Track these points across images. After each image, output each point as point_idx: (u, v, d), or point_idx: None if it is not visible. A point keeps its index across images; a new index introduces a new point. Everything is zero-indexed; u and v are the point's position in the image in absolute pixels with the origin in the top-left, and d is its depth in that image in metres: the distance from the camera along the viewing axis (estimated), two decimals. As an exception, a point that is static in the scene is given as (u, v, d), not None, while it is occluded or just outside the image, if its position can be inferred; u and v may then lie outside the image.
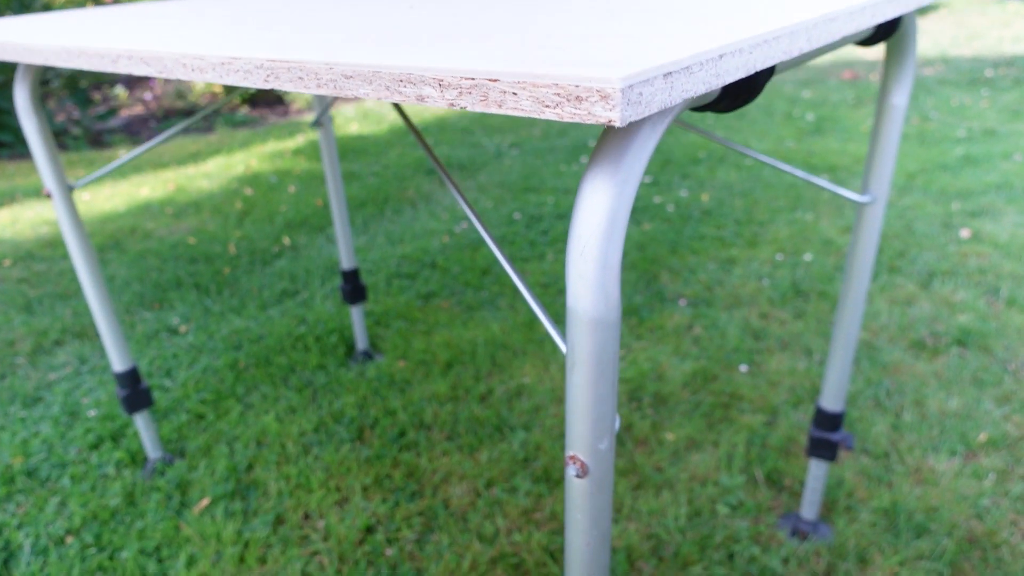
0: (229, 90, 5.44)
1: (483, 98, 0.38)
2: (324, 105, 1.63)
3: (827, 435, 1.22)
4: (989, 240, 2.47)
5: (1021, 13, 7.49)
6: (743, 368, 1.81)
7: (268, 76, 0.50)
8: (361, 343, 1.95)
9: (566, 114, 0.35)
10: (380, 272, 2.44)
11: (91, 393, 1.83)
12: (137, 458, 1.58)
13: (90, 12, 1.25)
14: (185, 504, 1.45)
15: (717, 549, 1.28)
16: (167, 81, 5.98)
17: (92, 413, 1.74)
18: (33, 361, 2.01)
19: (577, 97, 0.34)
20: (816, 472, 1.28)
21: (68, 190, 1.31)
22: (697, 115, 4.26)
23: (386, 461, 1.53)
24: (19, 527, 1.41)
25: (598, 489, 0.54)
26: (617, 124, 0.34)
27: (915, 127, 3.83)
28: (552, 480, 1.46)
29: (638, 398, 1.71)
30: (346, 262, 1.85)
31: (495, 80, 0.37)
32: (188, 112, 5.21)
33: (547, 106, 0.36)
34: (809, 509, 1.32)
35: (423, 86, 0.41)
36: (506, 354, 1.91)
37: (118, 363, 1.45)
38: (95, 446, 1.63)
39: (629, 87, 0.33)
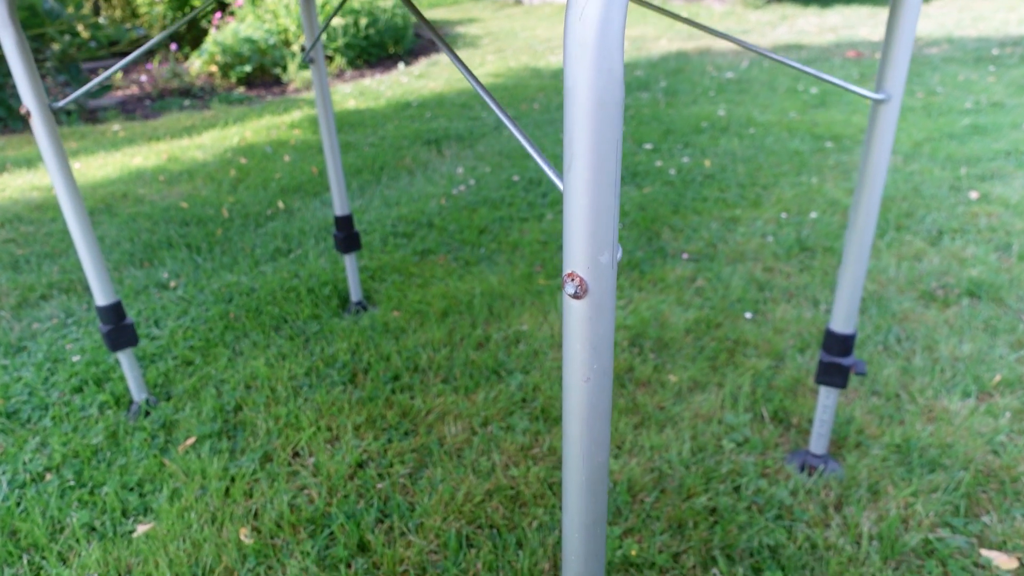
0: (225, 72, 5.39)
1: None
2: (315, 37, 1.58)
3: (838, 360, 1.16)
4: (999, 201, 2.41)
5: (1025, -1, 7.43)
6: (748, 315, 1.76)
7: None
8: (355, 295, 1.90)
9: None
10: (375, 232, 2.39)
11: (76, 342, 1.78)
12: (122, 401, 1.53)
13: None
14: (170, 443, 1.40)
15: (723, 481, 1.23)
16: (162, 63, 5.93)
17: (76, 359, 1.69)
18: (17, 314, 1.96)
19: None
20: (826, 402, 1.23)
21: (49, 109, 1.25)
22: (699, 90, 4.21)
23: (379, 402, 1.48)
24: (-4, 465, 1.35)
25: (598, 312, 0.49)
26: None
27: (920, 100, 3.78)
28: (551, 418, 1.41)
29: (639, 344, 1.66)
30: (339, 208, 1.80)
31: None
32: (184, 91, 5.16)
33: None
34: (818, 444, 1.26)
35: None
36: (504, 304, 1.86)
37: (101, 297, 1.40)
38: (78, 389, 1.58)
39: None
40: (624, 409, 1.42)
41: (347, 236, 1.82)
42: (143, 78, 5.67)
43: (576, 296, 0.48)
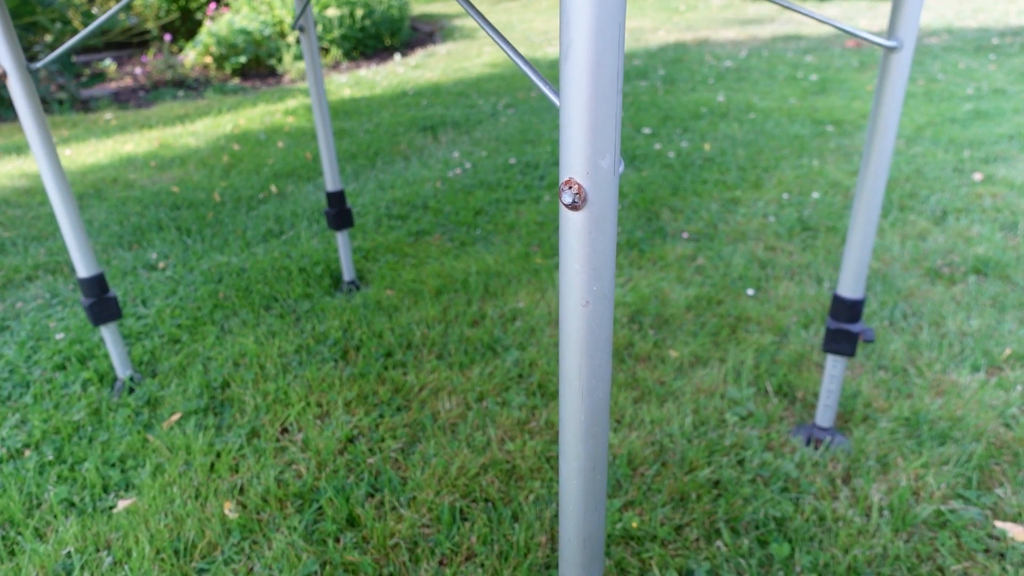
0: (220, 63, 5.34)
1: None
2: (304, 3, 1.53)
3: (845, 326, 1.12)
4: (1004, 182, 2.37)
5: (1024, -8, 7.40)
6: (750, 292, 1.71)
7: None
8: (348, 274, 1.86)
9: None
10: (369, 214, 2.34)
11: (61, 320, 1.73)
12: (106, 378, 1.48)
13: None
14: (155, 419, 1.35)
15: (726, 454, 1.19)
16: (157, 54, 5.88)
17: (60, 336, 1.64)
18: (2, 295, 1.91)
19: None
20: (832, 372, 1.18)
21: (27, 70, 1.21)
22: (698, 78, 4.17)
23: (371, 378, 1.44)
24: (-26, 441, 1.31)
25: (598, 225, 0.45)
26: None
27: (922, 87, 3.74)
28: (548, 393, 1.37)
29: (639, 320, 1.61)
30: (331, 184, 1.75)
31: None
32: (179, 83, 5.10)
33: None
34: (824, 416, 1.22)
35: None
36: (500, 282, 1.81)
37: (83, 268, 1.35)
38: (61, 367, 1.53)
39: None
40: (623, 384, 1.38)
41: (339, 212, 1.78)
42: (137, 70, 5.62)
43: (574, 206, 0.44)
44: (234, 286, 1.86)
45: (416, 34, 6.86)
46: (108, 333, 1.42)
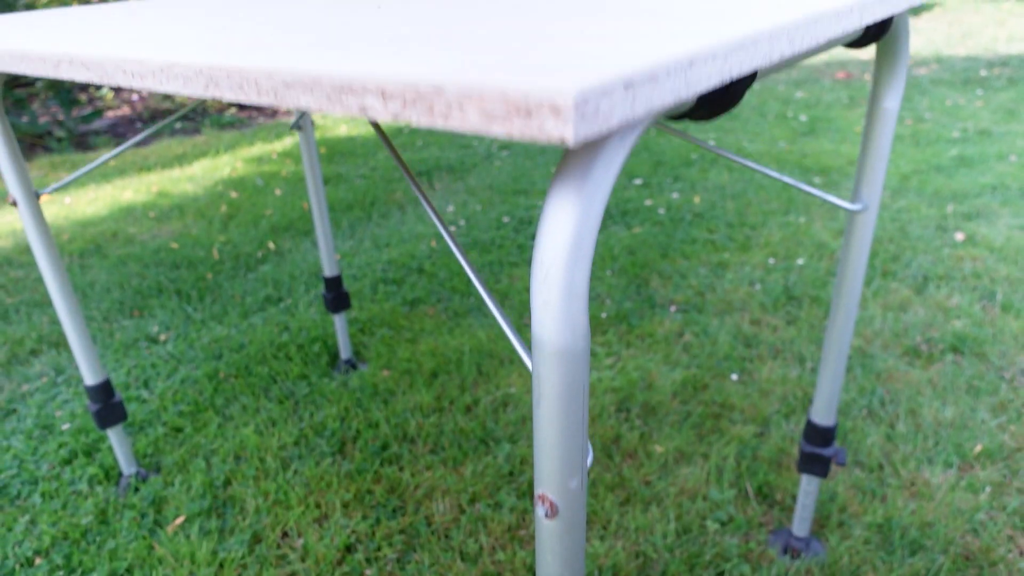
0: (218, 91, 5.38)
1: (428, 110, 0.34)
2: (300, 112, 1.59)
3: (818, 450, 1.18)
4: (984, 243, 2.44)
5: (1015, 12, 7.49)
6: (734, 377, 1.77)
7: (208, 84, 0.46)
8: (344, 352, 1.91)
9: (515, 129, 0.31)
10: (365, 278, 2.40)
11: (66, 405, 1.78)
12: (111, 474, 1.54)
13: (57, 12, 1.21)
14: (159, 522, 1.40)
15: (706, 568, 1.24)
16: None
17: (66, 427, 1.69)
18: (7, 371, 1.96)
19: (526, 111, 0.30)
20: (808, 488, 1.24)
21: (35, 197, 1.26)
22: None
23: (367, 476, 1.49)
24: (-14, 547, 1.36)
25: (569, 530, 0.50)
26: (570, 142, 0.30)
27: (909, 128, 3.80)
28: (538, 495, 1.42)
29: (627, 408, 1.67)
30: (328, 269, 1.81)
31: (439, 91, 0.33)
32: (175, 113, 5.15)
33: (495, 119, 0.31)
34: (801, 526, 1.28)
35: (365, 96, 0.36)
36: (492, 363, 1.87)
37: (89, 376, 1.41)
38: (68, 461, 1.58)
39: (584, 101, 0.29)
40: (611, 484, 1.44)
41: (336, 296, 1.83)
42: (134, 96, 5.66)
43: (547, 516, 0.50)
44: (234, 364, 1.92)
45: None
46: (114, 434, 1.48)
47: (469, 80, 0.32)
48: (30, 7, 4.34)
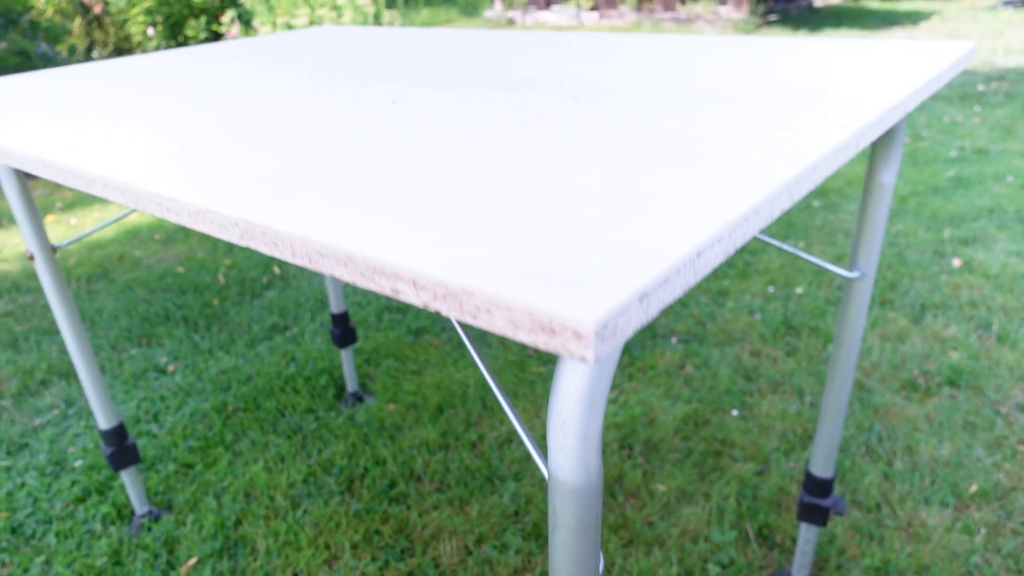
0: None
1: (459, 307, 0.37)
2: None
3: (817, 501, 1.21)
4: (980, 270, 2.47)
5: (1013, 22, 7.53)
6: (734, 412, 1.80)
7: (243, 235, 0.49)
8: (351, 384, 1.94)
9: (540, 342, 0.34)
10: (370, 306, 2.43)
11: (77, 440, 1.81)
12: (124, 512, 1.57)
13: (77, 82, 1.24)
14: (172, 564, 1.43)
15: (708, 613, 1.27)
16: (158, 94, 5.95)
17: (78, 463, 1.72)
18: (19, 403, 1.99)
19: (551, 330, 0.33)
20: (807, 535, 1.27)
21: (51, 251, 1.29)
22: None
23: (376, 516, 1.52)
24: (3, 589, 1.39)
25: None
26: (590, 362, 0.33)
27: (907, 146, 3.83)
28: (543, 536, 1.45)
29: (629, 445, 1.70)
30: (335, 305, 1.84)
31: (469, 294, 0.36)
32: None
33: (521, 329, 0.35)
34: (800, 570, 1.31)
35: (398, 281, 0.40)
36: (496, 397, 1.90)
37: (103, 421, 1.44)
38: (81, 499, 1.61)
39: (603, 326, 0.32)
40: (614, 525, 1.47)
41: (343, 332, 1.86)
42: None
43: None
44: (242, 397, 1.95)
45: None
46: (127, 474, 1.51)
47: (498, 290, 0.35)
48: (34, 25, 4.36)
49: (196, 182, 0.56)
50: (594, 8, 8.74)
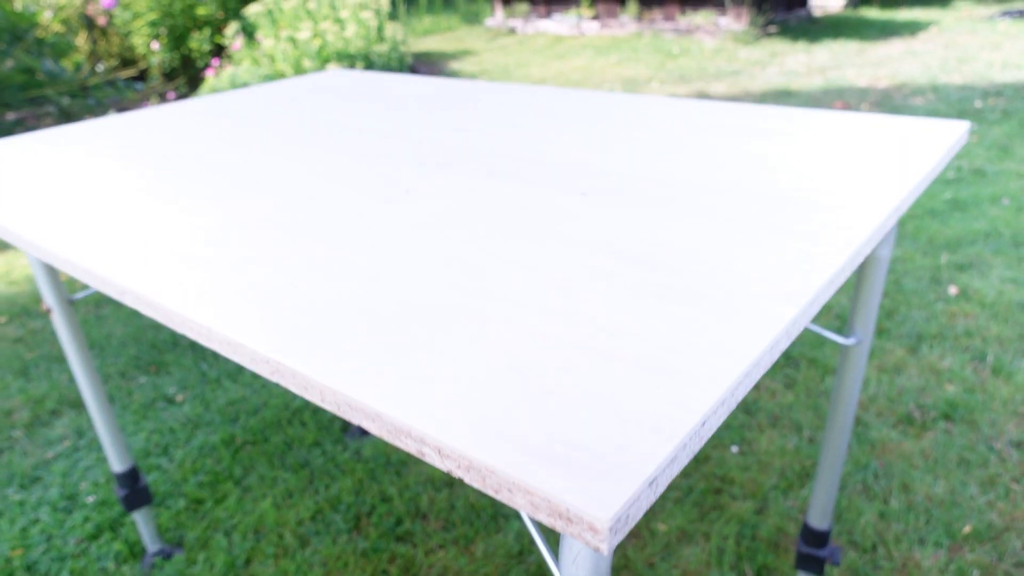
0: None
1: (481, 480, 0.40)
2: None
3: (814, 551, 1.24)
4: (976, 298, 2.50)
5: (1011, 34, 7.56)
6: (734, 449, 1.84)
7: (274, 372, 0.52)
8: (357, 417, 1.97)
9: (558, 526, 0.37)
10: (375, 333, 2.46)
11: (88, 473, 1.85)
12: (136, 550, 1.60)
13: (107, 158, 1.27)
14: (184, 603, 1.47)
15: (708, 659, 1.31)
16: (160, 99, 5.99)
17: (90, 499, 1.76)
18: (31, 434, 2.02)
19: (568, 519, 0.37)
20: (804, 581, 1.31)
21: (68, 304, 1.32)
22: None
23: (383, 555, 1.56)
24: (20, 630, 1.42)
25: None
26: (605, 553, 0.36)
27: (905, 166, 3.87)
28: (546, 577, 1.49)
29: (631, 482, 1.73)
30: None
31: (492, 472, 0.39)
32: (182, 141, 5.20)
33: (540, 511, 0.38)
34: (798, 614, 1.34)
35: (424, 445, 0.43)
36: (501, 431, 1.93)
37: (117, 464, 1.47)
38: (94, 536, 1.65)
39: (617, 520, 0.36)
40: (616, 567, 1.50)
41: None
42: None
43: None
44: (250, 429, 1.98)
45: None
46: (138, 514, 1.54)
47: (520, 474, 0.38)
48: (40, 41, 4.40)
49: (227, 305, 0.60)
50: (595, 18, 8.78)
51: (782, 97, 5.47)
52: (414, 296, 0.59)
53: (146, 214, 0.84)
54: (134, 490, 1.49)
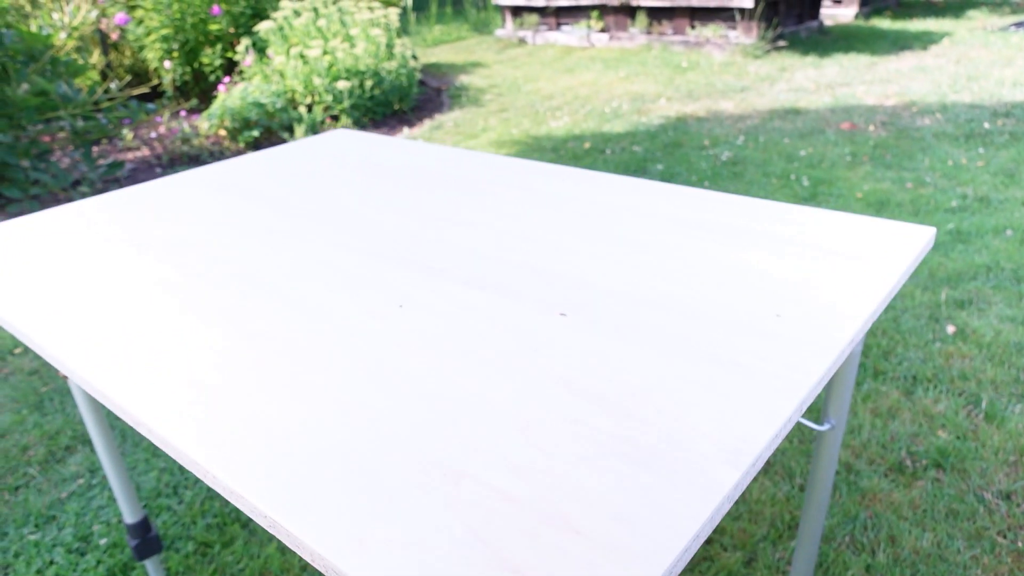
0: (233, 136, 5.53)
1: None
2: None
3: (796, 618, 1.29)
4: (974, 339, 2.53)
5: (1023, 47, 7.53)
6: (726, 497, 1.88)
7: (271, 526, 0.58)
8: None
9: None
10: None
11: (101, 513, 1.91)
12: (146, 594, 1.67)
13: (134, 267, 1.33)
14: (191, 650, 1.53)
15: None
16: (172, 116, 6.09)
17: (103, 541, 1.82)
18: (45, 471, 2.09)
19: None
20: (787, 644, 1.35)
21: (82, 368, 1.39)
22: (695, 176, 4.33)
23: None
24: (35, 675, 1.49)
25: None
26: None
27: (909, 193, 3.89)
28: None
29: (624, 530, 1.78)
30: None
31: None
32: (194, 157, 5.30)
33: None
34: (781, 673, 1.39)
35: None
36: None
37: (129, 516, 1.54)
38: (106, 580, 1.71)
39: None
40: (606, 620, 1.55)
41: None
42: (152, 134, 5.83)
43: None
44: (257, 469, 2.04)
45: (425, 91, 7.03)
46: (149, 562, 1.61)
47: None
48: (55, 61, 4.49)
49: (230, 449, 0.65)
50: (604, 30, 8.81)
51: (790, 115, 5.49)
52: (399, 448, 0.64)
53: (156, 322, 0.89)
54: (145, 540, 1.56)
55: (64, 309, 0.95)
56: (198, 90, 6.80)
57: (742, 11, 7.77)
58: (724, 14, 7.94)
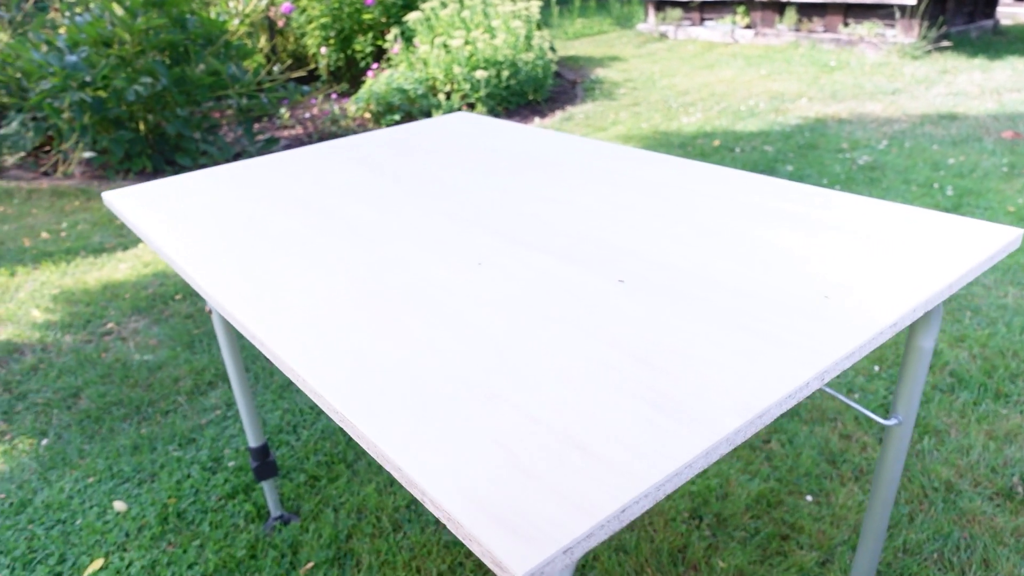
0: (377, 119, 5.89)
1: (456, 528, 0.56)
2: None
3: (854, 613, 1.29)
4: (1120, 369, 2.31)
5: None
6: (809, 498, 1.86)
7: (341, 420, 0.71)
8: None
9: (496, 570, 0.52)
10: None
11: (232, 441, 2.19)
12: (262, 512, 1.90)
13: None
14: (295, 564, 1.74)
15: None
16: (324, 98, 6.57)
17: (231, 464, 2.09)
18: (191, 400, 2.41)
19: (500, 567, 0.51)
20: (846, 640, 1.35)
21: (224, 306, 1.61)
22: (826, 179, 4.16)
23: (462, 548, 1.75)
24: (168, 565, 1.75)
25: None
26: (524, 598, 0.51)
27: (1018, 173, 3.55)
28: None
29: (699, 516, 1.82)
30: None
31: (460, 525, 0.55)
32: (340, 137, 5.71)
33: (485, 558, 0.53)
34: (839, 670, 1.39)
35: (425, 497, 0.59)
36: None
37: (253, 440, 1.76)
38: (231, 496, 1.97)
39: (530, 574, 0.50)
40: (669, 595, 1.61)
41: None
42: (306, 114, 6.32)
43: None
44: (365, 419, 2.25)
45: (560, 83, 7.15)
46: (267, 484, 1.83)
47: (477, 530, 0.54)
48: (228, 44, 4.99)
49: (326, 366, 0.79)
50: (749, 26, 8.53)
51: (944, 121, 5.12)
52: (455, 371, 0.76)
53: (280, 269, 1.06)
54: (264, 463, 1.78)
55: (211, 253, 1.14)
56: (349, 75, 7.29)
57: (903, 8, 7.27)
58: (882, 11, 7.47)
